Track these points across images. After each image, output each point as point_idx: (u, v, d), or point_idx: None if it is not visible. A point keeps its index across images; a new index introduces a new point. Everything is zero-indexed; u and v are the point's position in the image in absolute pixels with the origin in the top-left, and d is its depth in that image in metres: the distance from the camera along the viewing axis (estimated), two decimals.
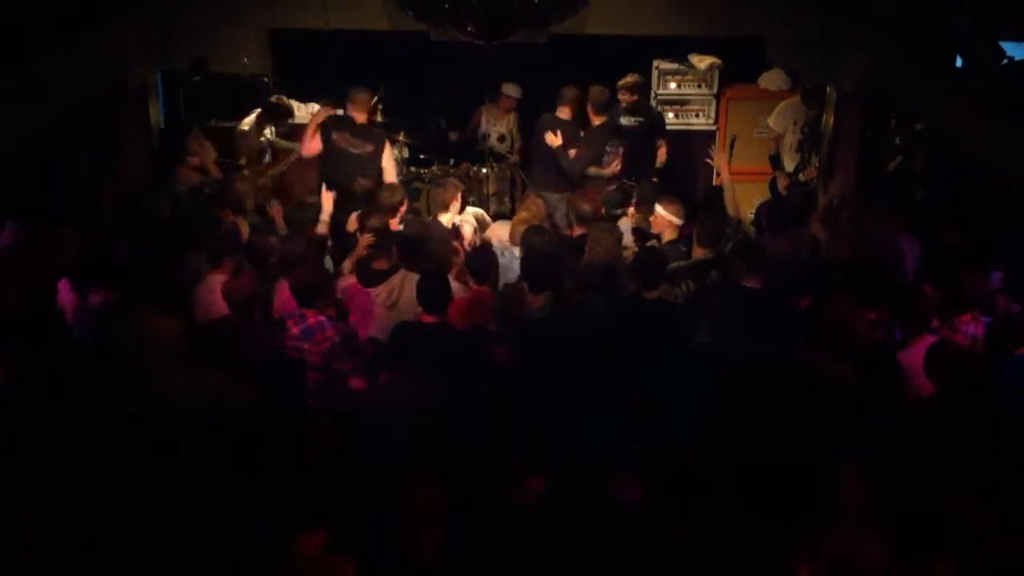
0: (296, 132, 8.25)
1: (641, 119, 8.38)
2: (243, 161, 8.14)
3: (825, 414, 4.27)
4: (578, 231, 6.74)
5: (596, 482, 3.67)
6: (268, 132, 8.33)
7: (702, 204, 7.66)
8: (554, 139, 8.10)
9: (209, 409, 4.37)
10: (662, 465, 3.84)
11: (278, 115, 8.28)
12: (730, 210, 7.25)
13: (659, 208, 6.62)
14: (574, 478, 3.70)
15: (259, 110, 8.29)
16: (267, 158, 8.34)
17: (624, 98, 8.29)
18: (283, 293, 5.55)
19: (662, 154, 8.51)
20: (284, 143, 8.34)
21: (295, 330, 5.15)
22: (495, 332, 5.21)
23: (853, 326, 5.02)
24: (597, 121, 8.36)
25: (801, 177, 8.63)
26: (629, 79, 8.30)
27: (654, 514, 3.57)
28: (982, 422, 4.27)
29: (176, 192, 7.61)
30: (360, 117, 7.63)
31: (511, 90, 9.25)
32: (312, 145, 7.56)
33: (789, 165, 8.78)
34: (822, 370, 4.68)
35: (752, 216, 8.52)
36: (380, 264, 5.81)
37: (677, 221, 6.55)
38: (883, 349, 5.00)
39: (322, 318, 5.18)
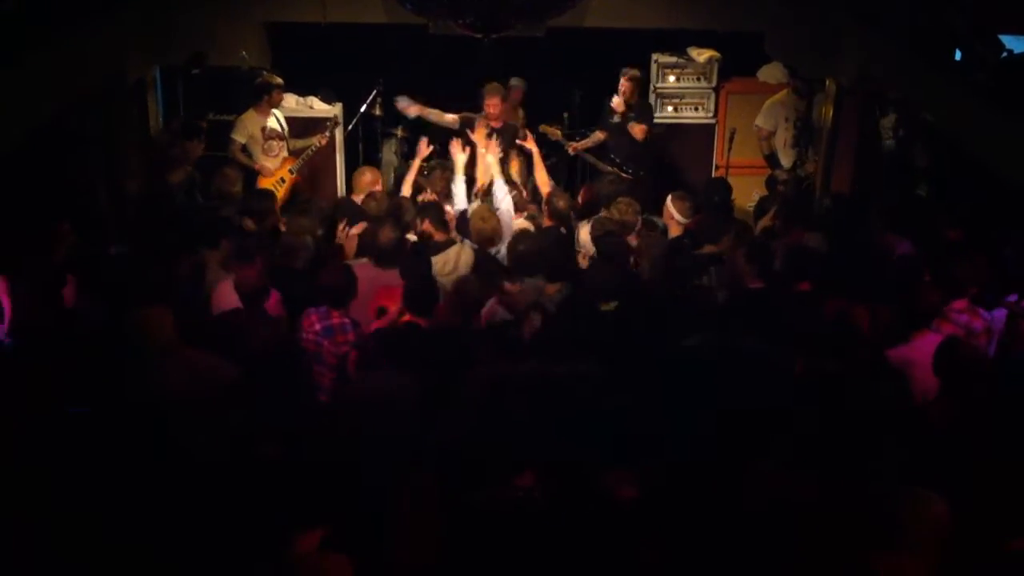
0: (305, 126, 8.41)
1: (633, 114, 8.40)
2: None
3: (823, 411, 4.26)
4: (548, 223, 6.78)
5: (592, 479, 3.67)
6: (273, 121, 8.24)
7: (703, 199, 7.63)
8: None
9: (201, 391, 4.36)
10: (660, 463, 3.83)
11: (270, 91, 8.13)
12: None
13: (669, 202, 6.64)
14: (570, 475, 3.70)
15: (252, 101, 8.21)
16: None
17: (625, 94, 8.30)
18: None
19: (638, 131, 8.38)
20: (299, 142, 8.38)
21: (318, 326, 5.17)
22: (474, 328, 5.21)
23: (855, 322, 5.01)
24: None
25: (800, 172, 8.60)
26: (629, 77, 8.31)
27: (651, 512, 3.56)
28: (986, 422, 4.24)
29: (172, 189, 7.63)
30: None
31: (519, 83, 9.14)
32: None
33: (787, 162, 8.75)
34: (822, 368, 4.67)
35: (751, 208, 8.54)
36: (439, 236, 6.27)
37: (681, 219, 6.55)
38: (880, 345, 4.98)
39: (347, 320, 5.20)
